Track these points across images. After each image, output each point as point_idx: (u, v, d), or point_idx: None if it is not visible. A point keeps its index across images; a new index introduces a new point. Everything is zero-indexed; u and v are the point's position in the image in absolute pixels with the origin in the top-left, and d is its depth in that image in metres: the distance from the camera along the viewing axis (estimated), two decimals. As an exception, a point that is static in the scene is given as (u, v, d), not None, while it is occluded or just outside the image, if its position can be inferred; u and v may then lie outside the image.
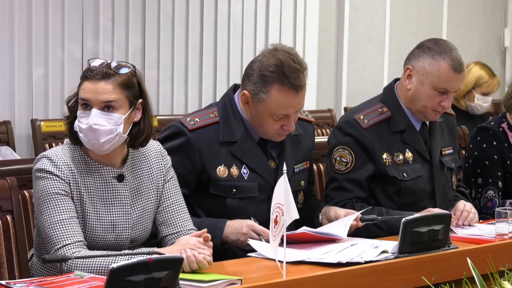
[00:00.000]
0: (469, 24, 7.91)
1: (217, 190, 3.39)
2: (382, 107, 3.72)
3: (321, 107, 6.69)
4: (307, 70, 3.37)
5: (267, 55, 3.36)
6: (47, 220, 2.90)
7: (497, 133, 4.14)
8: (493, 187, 4.09)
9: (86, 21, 5.62)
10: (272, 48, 3.37)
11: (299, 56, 3.37)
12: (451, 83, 3.62)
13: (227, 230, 3.30)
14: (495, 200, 4.09)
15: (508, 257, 3.15)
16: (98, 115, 2.92)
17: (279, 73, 3.29)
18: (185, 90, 6.12)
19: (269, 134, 3.41)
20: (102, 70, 2.95)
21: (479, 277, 2.17)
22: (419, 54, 3.65)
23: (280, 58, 3.31)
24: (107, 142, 2.94)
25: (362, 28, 7.15)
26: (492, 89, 5.97)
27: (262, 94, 3.32)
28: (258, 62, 3.36)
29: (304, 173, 3.59)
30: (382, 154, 3.65)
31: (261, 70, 3.33)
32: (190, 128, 3.39)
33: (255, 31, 6.43)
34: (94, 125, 2.91)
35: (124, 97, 2.96)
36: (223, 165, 3.39)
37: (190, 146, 3.37)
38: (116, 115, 2.94)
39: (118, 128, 2.94)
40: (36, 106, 5.47)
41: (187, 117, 3.45)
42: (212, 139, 3.39)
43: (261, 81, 3.32)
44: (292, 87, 3.30)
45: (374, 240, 3.25)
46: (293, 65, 3.30)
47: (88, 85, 2.95)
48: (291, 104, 3.32)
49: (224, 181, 3.39)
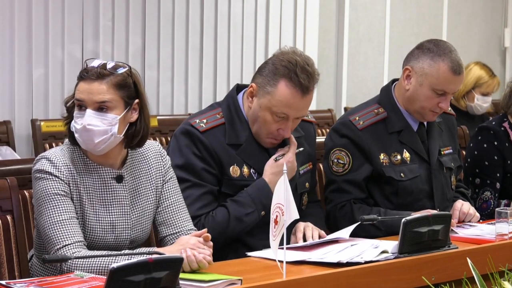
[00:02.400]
0: (469, 24, 7.91)
1: (229, 190, 3.38)
2: (378, 108, 3.73)
3: (321, 107, 6.69)
4: (318, 79, 3.38)
5: (284, 53, 3.38)
6: (47, 220, 2.90)
7: (498, 133, 4.15)
8: (490, 188, 4.09)
9: (86, 21, 5.63)
10: (290, 50, 3.39)
11: (314, 65, 3.39)
12: (450, 85, 3.62)
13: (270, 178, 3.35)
14: (490, 202, 4.09)
15: (508, 257, 3.15)
16: (92, 116, 2.92)
17: (291, 69, 3.30)
18: (185, 90, 6.12)
19: (261, 136, 3.40)
20: (97, 71, 2.94)
21: (479, 277, 2.17)
22: (418, 55, 3.65)
23: (296, 58, 3.34)
24: (102, 142, 2.93)
25: (362, 28, 7.15)
26: (492, 89, 5.97)
27: (269, 87, 3.32)
28: (274, 57, 3.39)
29: (308, 175, 3.59)
30: (379, 154, 3.65)
31: (274, 64, 3.34)
32: (201, 130, 3.37)
33: (255, 31, 6.43)
34: (88, 125, 2.91)
35: (119, 97, 2.96)
36: (236, 165, 3.39)
37: (204, 147, 3.36)
38: (110, 115, 2.94)
39: (113, 129, 2.94)
40: (36, 106, 5.47)
41: (195, 118, 3.42)
42: (222, 140, 3.39)
43: (272, 74, 3.33)
44: (300, 86, 3.30)
45: (374, 240, 3.25)
46: (306, 68, 3.32)
47: (83, 86, 2.95)
48: (294, 105, 3.32)
49: (236, 180, 3.38)
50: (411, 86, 3.66)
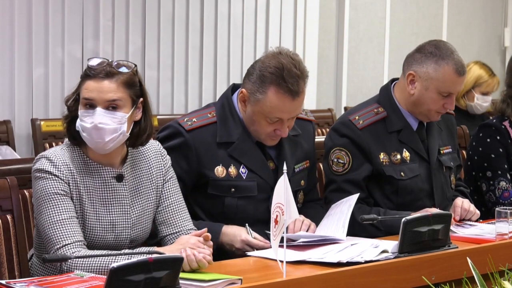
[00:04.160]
0: (469, 24, 7.91)
1: (216, 190, 3.39)
2: (377, 108, 3.73)
3: (321, 107, 6.69)
4: (307, 78, 3.35)
5: (270, 56, 3.35)
6: (47, 220, 2.90)
7: (499, 129, 4.18)
8: (504, 178, 4.12)
9: (86, 20, 5.62)
10: (276, 51, 3.36)
11: (302, 63, 3.36)
12: (455, 86, 3.65)
13: (222, 238, 3.31)
14: (511, 190, 4.10)
15: (508, 257, 3.15)
16: (103, 114, 2.92)
17: (278, 76, 3.28)
18: (185, 89, 6.12)
19: (261, 136, 3.40)
20: (105, 69, 2.94)
21: (479, 277, 2.17)
22: (421, 59, 3.65)
23: (282, 61, 3.30)
24: (111, 141, 2.94)
25: (362, 28, 7.15)
26: (491, 89, 5.97)
27: (259, 94, 3.32)
28: (260, 62, 3.36)
29: (304, 173, 3.59)
30: (378, 154, 3.65)
31: (261, 70, 3.33)
32: (188, 128, 3.39)
33: (255, 31, 6.43)
34: (100, 124, 2.91)
35: (128, 96, 2.96)
36: (221, 165, 3.39)
37: (187, 146, 3.37)
38: (120, 114, 2.94)
39: (122, 127, 2.94)
40: (36, 105, 5.47)
41: (184, 117, 3.45)
42: (209, 139, 3.39)
43: (259, 81, 3.32)
44: (289, 91, 3.29)
45: (374, 240, 3.26)
46: (293, 70, 3.29)
47: (91, 84, 2.94)
48: (285, 109, 3.32)
49: (222, 181, 3.39)
50: (416, 91, 3.67)
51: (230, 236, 3.30)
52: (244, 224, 3.34)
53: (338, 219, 3.34)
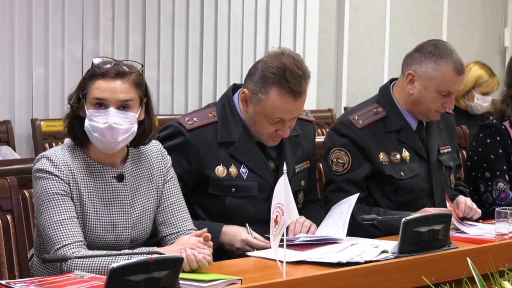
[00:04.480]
0: (469, 24, 7.91)
1: (216, 190, 3.39)
2: (377, 108, 3.74)
3: (321, 107, 6.69)
4: (309, 79, 3.36)
5: (272, 57, 3.35)
6: (47, 220, 2.90)
7: (499, 129, 4.18)
8: (502, 179, 4.12)
9: (86, 20, 5.63)
10: (278, 51, 3.37)
11: (304, 63, 3.36)
12: (455, 85, 3.65)
13: (223, 238, 3.31)
14: (508, 192, 4.10)
15: (508, 257, 3.15)
16: (116, 114, 2.92)
17: (280, 76, 3.29)
18: (185, 89, 6.12)
19: (262, 137, 3.41)
20: (116, 69, 2.94)
21: (479, 277, 2.17)
22: (420, 59, 3.66)
23: (284, 62, 3.31)
24: (123, 140, 2.94)
25: (362, 28, 7.15)
26: (491, 89, 5.97)
27: (261, 95, 3.32)
28: (262, 62, 3.36)
29: (304, 173, 3.59)
30: (378, 153, 3.65)
31: (263, 71, 3.33)
32: (188, 128, 3.39)
33: (255, 31, 6.43)
34: (114, 124, 2.91)
35: (137, 96, 2.97)
36: (222, 165, 3.39)
37: (187, 146, 3.37)
38: (131, 114, 2.95)
39: (133, 127, 2.95)
40: (36, 105, 5.47)
41: (185, 117, 3.45)
42: (210, 139, 3.40)
43: (262, 81, 3.32)
44: (291, 92, 3.29)
45: (374, 240, 3.26)
46: (295, 71, 3.30)
47: (103, 84, 2.93)
48: (287, 109, 3.32)
49: (223, 180, 3.39)
50: (416, 91, 3.67)
51: (230, 235, 3.30)
52: (245, 224, 3.34)
53: (338, 219, 3.34)
